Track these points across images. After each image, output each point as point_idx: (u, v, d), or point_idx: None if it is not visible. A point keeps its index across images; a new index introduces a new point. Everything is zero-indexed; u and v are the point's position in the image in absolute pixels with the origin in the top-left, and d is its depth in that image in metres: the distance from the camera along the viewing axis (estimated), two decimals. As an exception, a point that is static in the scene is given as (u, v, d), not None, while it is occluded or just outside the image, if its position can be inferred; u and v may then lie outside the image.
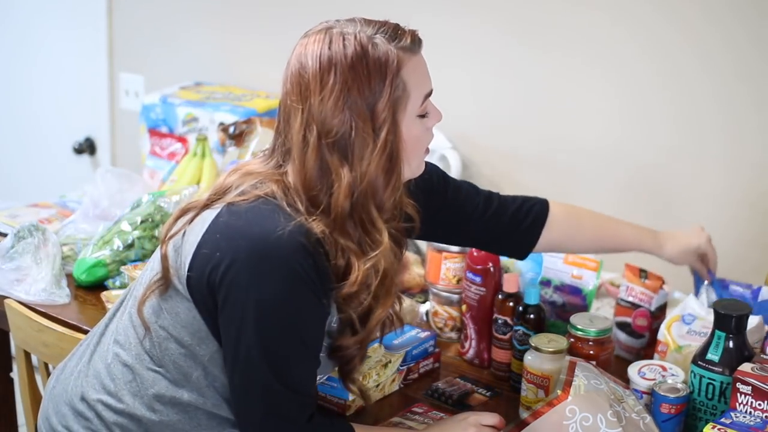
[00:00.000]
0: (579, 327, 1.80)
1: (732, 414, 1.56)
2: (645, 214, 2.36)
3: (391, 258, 1.46)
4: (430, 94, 1.48)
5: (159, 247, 1.53)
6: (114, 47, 3.22)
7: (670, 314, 1.88)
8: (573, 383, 1.65)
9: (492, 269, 1.95)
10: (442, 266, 2.06)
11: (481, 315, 1.97)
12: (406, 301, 2.05)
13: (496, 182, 2.55)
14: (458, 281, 2.05)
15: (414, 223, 1.57)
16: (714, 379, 1.64)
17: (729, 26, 2.17)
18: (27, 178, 3.49)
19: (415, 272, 2.26)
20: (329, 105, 1.40)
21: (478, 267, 1.96)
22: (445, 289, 2.08)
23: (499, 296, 1.93)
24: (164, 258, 1.51)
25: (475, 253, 1.96)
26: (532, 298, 1.87)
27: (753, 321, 1.72)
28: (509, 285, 1.92)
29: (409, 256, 2.29)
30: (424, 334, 1.96)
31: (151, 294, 1.52)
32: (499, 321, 1.92)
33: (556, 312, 2.03)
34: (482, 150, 2.55)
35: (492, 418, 1.65)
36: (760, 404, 1.55)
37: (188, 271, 1.47)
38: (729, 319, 1.64)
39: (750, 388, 1.55)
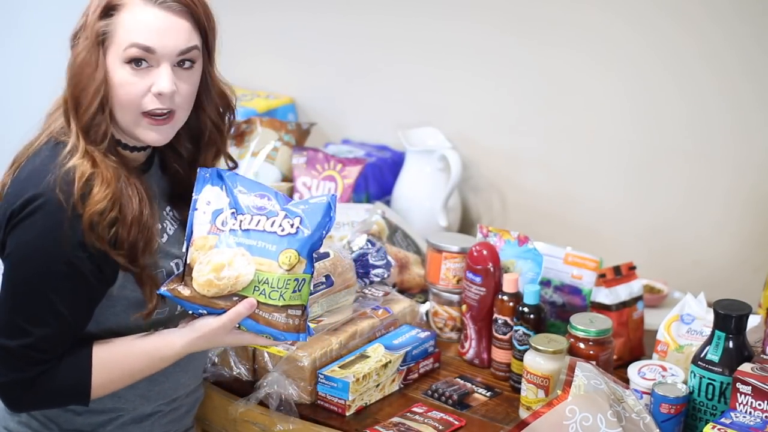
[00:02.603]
0: (579, 327, 1.80)
1: (732, 414, 1.56)
2: (648, 214, 2.36)
3: (115, 174, 1.52)
4: (144, 49, 1.51)
5: None
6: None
7: (669, 314, 1.88)
8: (573, 383, 1.65)
9: (492, 269, 1.95)
10: (442, 266, 2.06)
11: (481, 315, 1.97)
12: (406, 302, 2.05)
13: (496, 182, 2.55)
14: (458, 281, 2.05)
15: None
16: (714, 380, 1.64)
17: (733, 24, 2.17)
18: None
19: (415, 272, 2.26)
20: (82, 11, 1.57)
21: (478, 267, 1.96)
22: (445, 289, 2.08)
23: (499, 296, 1.93)
24: None
25: (475, 254, 1.97)
26: (532, 298, 1.87)
27: (752, 321, 1.72)
28: (509, 285, 1.92)
29: (409, 256, 2.29)
30: (424, 334, 1.96)
31: None
32: (499, 321, 1.92)
33: (556, 312, 2.03)
34: (482, 150, 2.55)
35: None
36: (760, 404, 1.55)
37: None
38: (729, 319, 1.64)
39: (750, 388, 1.55)
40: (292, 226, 1.54)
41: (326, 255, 1.88)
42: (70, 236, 1.47)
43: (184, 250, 1.56)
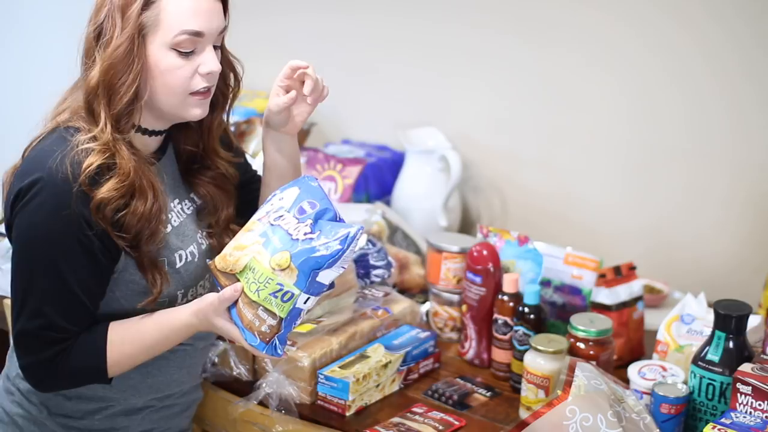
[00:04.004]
0: (579, 327, 1.80)
1: (732, 414, 1.56)
2: (648, 214, 2.37)
3: (133, 161, 1.54)
4: (194, 34, 1.53)
5: None
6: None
7: (669, 314, 1.88)
8: (573, 383, 1.64)
9: (492, 269, 1.95)
10: (442, 267, 2.06)
11: (481, 315, 1.97)
12: (406, 302, 2.05)
13: (496, 182, 2.55)
14: (458, 281, 2.05)
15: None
16: (714, 380, 1.64)
17: (733, 25, 2.17)
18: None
19: (415, 272, 2.26)
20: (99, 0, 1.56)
21: (478, 267, 1.96)
22: (445, 290, 2.08)
23: (500, 296, 1.93)
24: None
25: (475, 254, 1.97)
26: (532, 298, 1.87)
27: (752, 321, 1.72)
28: (509, 285, 1.92)
29: (409, 256, 2.29)
30: (424, 335, 1.96)
31: None
32: (499, 321, 1.92)
33: (556, 312, 2.02)
34: (482, 150, 2.55)
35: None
36: (760, 404, 1.55)
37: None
38: (729, 319, 1.64)
39: (750, 388, 1.55)
40: (305, 234, 1.51)
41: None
42: (77, 214, 1.49)
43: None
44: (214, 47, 1.59)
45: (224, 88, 1.68)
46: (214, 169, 1.71)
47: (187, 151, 1.70)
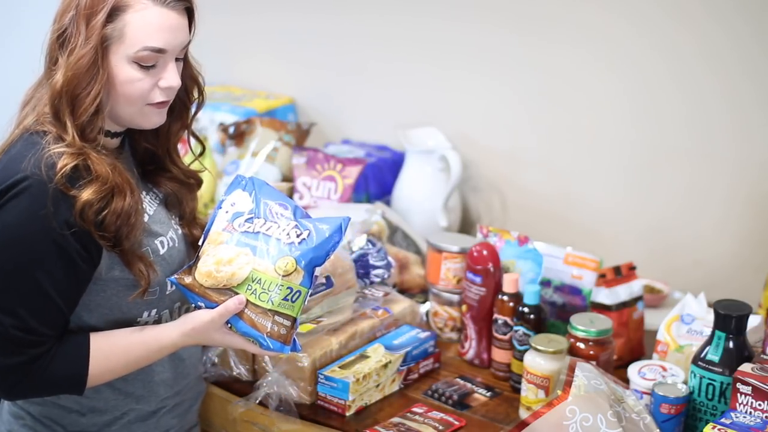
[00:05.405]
0: (579, 327, 1.80)
1: (732, 414, 1.56)
2: (648, 213, 2.36)
3: (106, 164, 1.54)
4: (157, 51, 1.54)
5: None
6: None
7: (669, 314, 1.88)
8: (573, 383, 1.65)
9: (492, 269, 1.95)
10: (442, 266, 2.06)
11: (481, 315, 1.97)
12: (406, 302, 2.05)
13: (496, 182, 2.55)
14: (458, 281, 2.05)
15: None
16: (714, 380, 1.64)
17: (734, 24, 2.17)
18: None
19: (415, 273, 2.26)
20: (65, 2, 1.55)
21: (478, 267, 1.96)
22: (445, 290, 2.08)
23: (500, 296, 1.93)
24: None
25: (475, 254, 1.97)
26: (532, 298, 1.87)
27: (752, 321, 1.72)
28: (509, 285, 1.92)
29: (409, 256, 2.29)
30: (424, 335, 1.96)
31: None
32: (499, 321, 1.92)
33: (556, 312, 2.02)
34: (482, 150, 2.55)
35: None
36: (760, 404, 1.55)
37: None
38: (729, 319, 1.64)
39: (750, 388, 1.55)
40: (298, 236, 1.57)
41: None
42: (55, 216, 1.48)
43: (200, 243, 1.61)
44: (179, 60, 1.59)
45: (185, 99, 1.69)
46: (171, 171, 1.73)
47: (144, 148, 1.71)
